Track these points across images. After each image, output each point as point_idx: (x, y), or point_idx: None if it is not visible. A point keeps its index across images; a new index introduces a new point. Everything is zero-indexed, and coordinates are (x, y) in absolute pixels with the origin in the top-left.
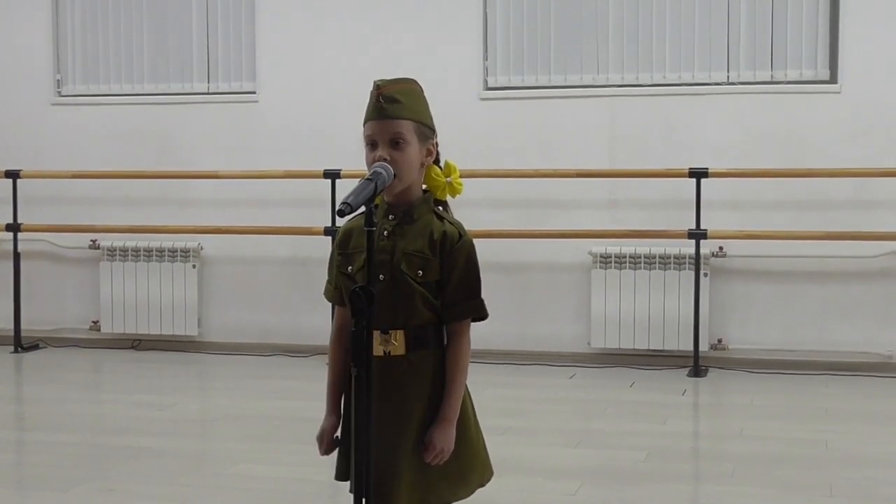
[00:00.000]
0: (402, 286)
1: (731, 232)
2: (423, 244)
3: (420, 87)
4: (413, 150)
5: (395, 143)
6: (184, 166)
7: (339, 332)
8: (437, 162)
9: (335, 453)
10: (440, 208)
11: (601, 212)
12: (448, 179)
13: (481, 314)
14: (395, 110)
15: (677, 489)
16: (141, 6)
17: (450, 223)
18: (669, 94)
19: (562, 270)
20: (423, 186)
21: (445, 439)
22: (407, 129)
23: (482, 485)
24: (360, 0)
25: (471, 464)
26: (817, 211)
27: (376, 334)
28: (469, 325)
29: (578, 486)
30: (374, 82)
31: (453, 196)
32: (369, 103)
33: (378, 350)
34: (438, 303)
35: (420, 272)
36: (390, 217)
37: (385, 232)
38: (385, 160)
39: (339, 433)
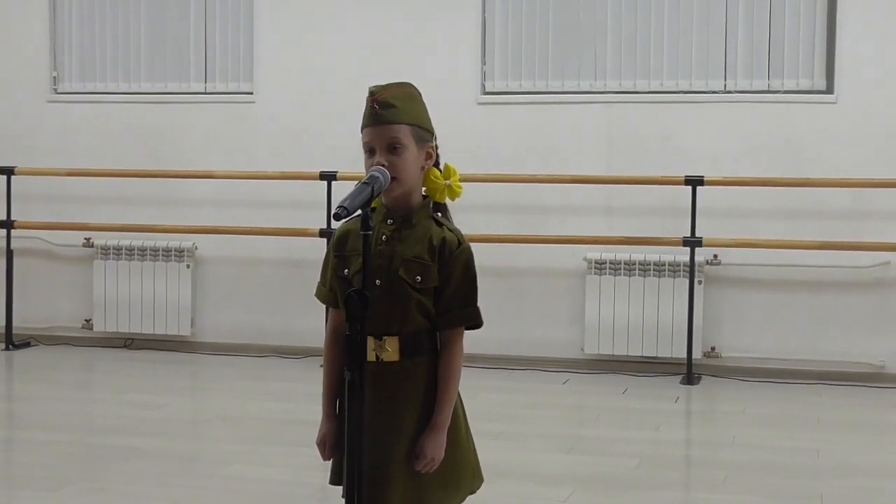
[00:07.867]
0: (398, 292)
1: (726, 240)
2: (422, 250)
3: (416, 90)
4: (411, 154)
5: (393, 148)
6: (179, 166)
7: (334, 336)
8: (436, 165)
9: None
10: (439, 213)
11: (597, 218)
12: (447, 182)
13: (476, 322)
14: (390, 115)
15: (669, 497)
16: (139, 4)
17: (449, 230)
18: (667, 101)
19: (557, 276)
20: (423, 190)
21: (436, 447)
22: (403, 133)
23: (472, 492)
24: (358, 3)
25: (462, 471)
26: (812, 220)
27: (370, 340)
28: (462, 333)
29: (570, 493)
30: (368, 89)
31: (452, 199)
32: (365, 110)
33: (371, 356)
34: (434, 310)
35: (419, 278)
36: (389, 222)
37: (383, 236)
38: (383, 166)
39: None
